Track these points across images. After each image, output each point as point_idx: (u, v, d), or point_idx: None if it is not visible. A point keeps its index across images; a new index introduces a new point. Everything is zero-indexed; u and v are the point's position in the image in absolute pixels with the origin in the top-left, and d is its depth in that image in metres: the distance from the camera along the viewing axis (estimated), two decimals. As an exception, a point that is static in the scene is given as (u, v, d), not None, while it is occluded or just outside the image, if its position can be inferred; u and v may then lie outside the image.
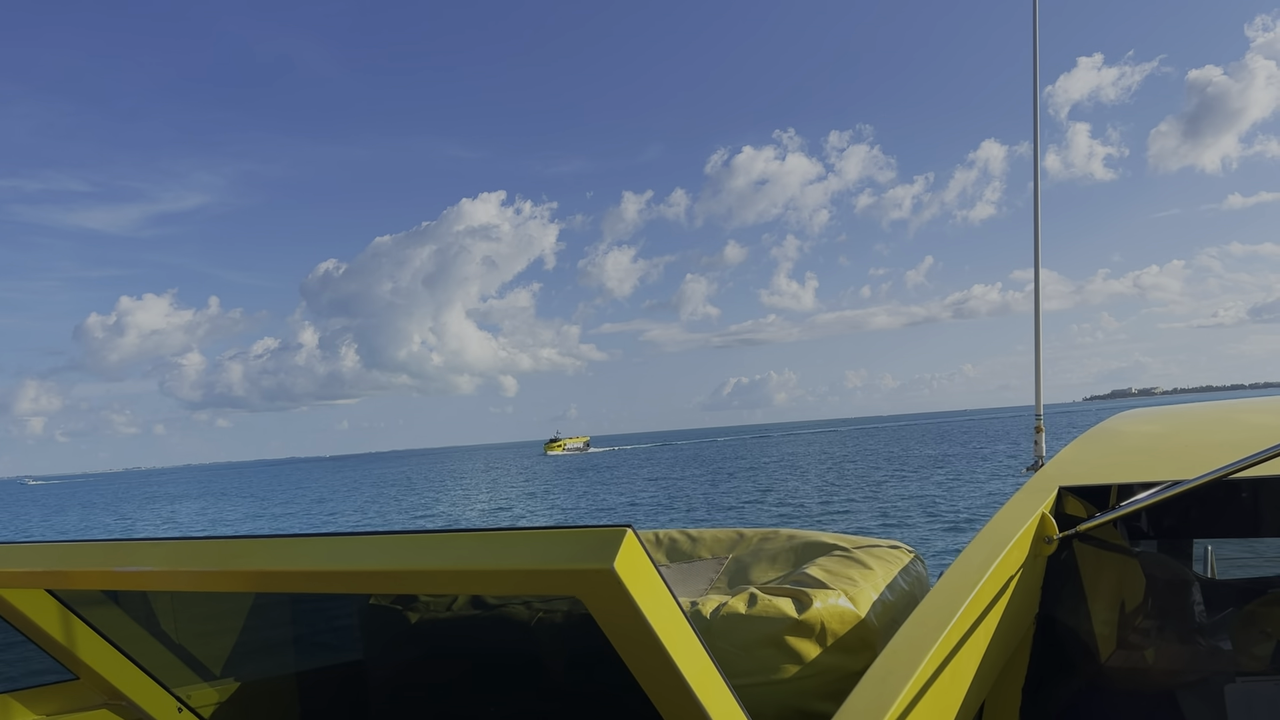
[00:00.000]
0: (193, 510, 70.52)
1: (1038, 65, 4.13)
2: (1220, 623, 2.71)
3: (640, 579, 1.49)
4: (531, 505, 51.75)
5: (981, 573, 2.13)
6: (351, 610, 2.32)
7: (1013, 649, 2.40)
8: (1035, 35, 4.15)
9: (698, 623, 2.42)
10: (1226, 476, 2.08)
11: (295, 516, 54.75)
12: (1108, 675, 2.58)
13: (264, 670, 2.48)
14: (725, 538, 3.12)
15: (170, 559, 1.98)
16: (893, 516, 32.51)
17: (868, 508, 36.13)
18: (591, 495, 55.06)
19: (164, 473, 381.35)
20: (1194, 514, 2.90)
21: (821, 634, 2.42)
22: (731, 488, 51.55)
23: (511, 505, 52.62)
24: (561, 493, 59.79)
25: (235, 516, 59.26)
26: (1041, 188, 4.27)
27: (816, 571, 2.61)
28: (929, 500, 37.13)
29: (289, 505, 66.07)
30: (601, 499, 51.76)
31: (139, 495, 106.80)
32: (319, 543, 1.81)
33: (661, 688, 1.62)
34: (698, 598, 2.57)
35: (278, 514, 58.34)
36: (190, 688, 2.38)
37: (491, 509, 51.13)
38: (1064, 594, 2.54)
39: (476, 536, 1.63)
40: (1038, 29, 4.14)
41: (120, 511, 75.96)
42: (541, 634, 1.97)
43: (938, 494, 39.38)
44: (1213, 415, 3.40)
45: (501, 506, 52.37)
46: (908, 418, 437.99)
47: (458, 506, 54.73)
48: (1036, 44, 4.14)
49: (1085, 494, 2.65)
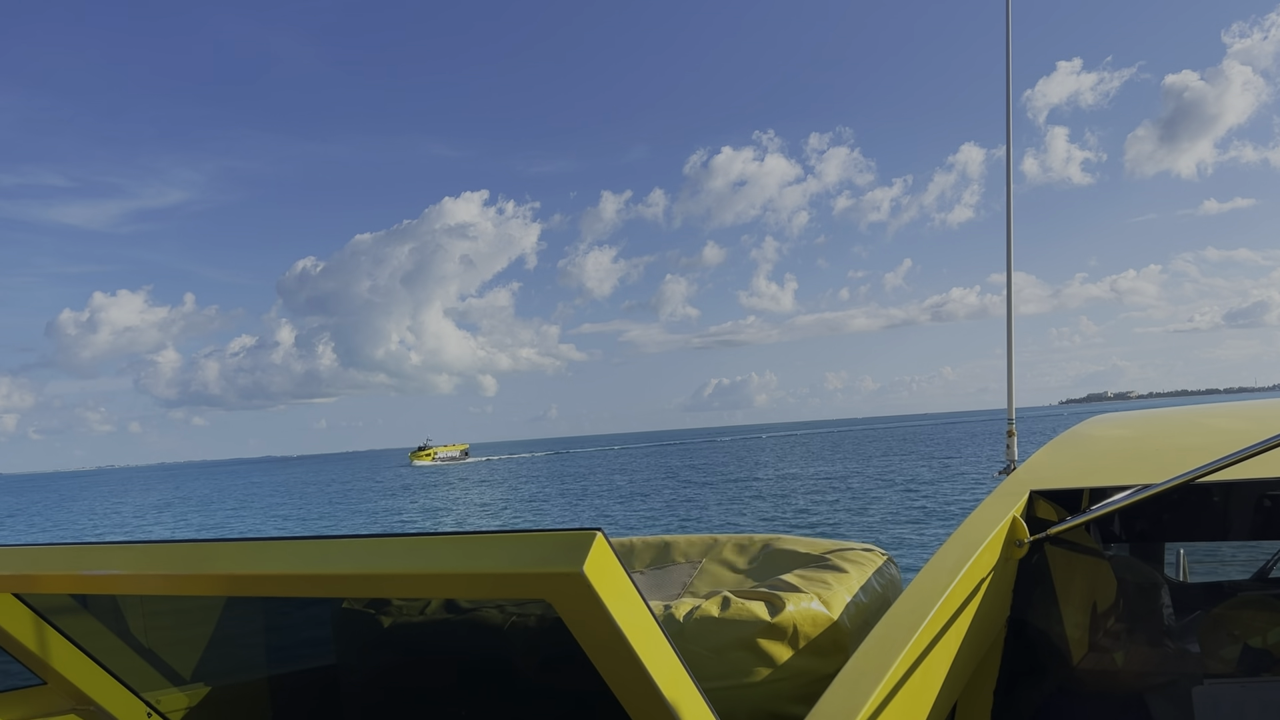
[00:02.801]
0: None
1: (1010, 74, 4.17)
2: (1189, 626, 2.74)
3: (610, 582, 1.48)
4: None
5: (953, 576, 2.14)
6: (324, 614, 2.30)
7: (984, 652, 2.41)
8: (1008, 46, 4.18)
9: (671, 626, 2.42)
10: (1194, 481, 2.11)
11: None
12: (1078, 678, 2.60)
13: (236, 675, 2.46)
14: (700, 542, 3.13)
15: (140, 563, 1.96)
16: (867, 520, 32.63)
17: (842, 511, 36.21)
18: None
19: (138, 471, 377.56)
20: (1165, 518, 2.93)
21: (794, 637, 2.43)
22: (597, 511, 43.22)
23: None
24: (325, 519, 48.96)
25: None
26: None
27: (790, 575, 2.62)
28: (903, 503, 37.28)
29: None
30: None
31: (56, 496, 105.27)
32: (290, 546, 1.80)
33: (631, 691, 1.62)
34: (671, 601, 2.58)
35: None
36: (160, 693, 2.36)
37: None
38: (1035, 597, 2.56)
39: (447, 540, 1.63)
40: (1010, 38, 4.18)
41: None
42: (514, 638, 1.97)
43: (912, 497, 39.56)
44: (1182, 420, 3.44)
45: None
46: (888, 420, 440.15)
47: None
48: (1009, 54, 4.18)
49: (1056, 498, 2.67)
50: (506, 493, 63.48)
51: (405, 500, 61.65)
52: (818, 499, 42.10)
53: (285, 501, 67.02)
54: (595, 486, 61.28)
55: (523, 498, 57.67)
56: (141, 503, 78.80)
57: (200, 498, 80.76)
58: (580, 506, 47.82)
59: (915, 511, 34.26)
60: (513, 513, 47.58)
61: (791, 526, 32.76)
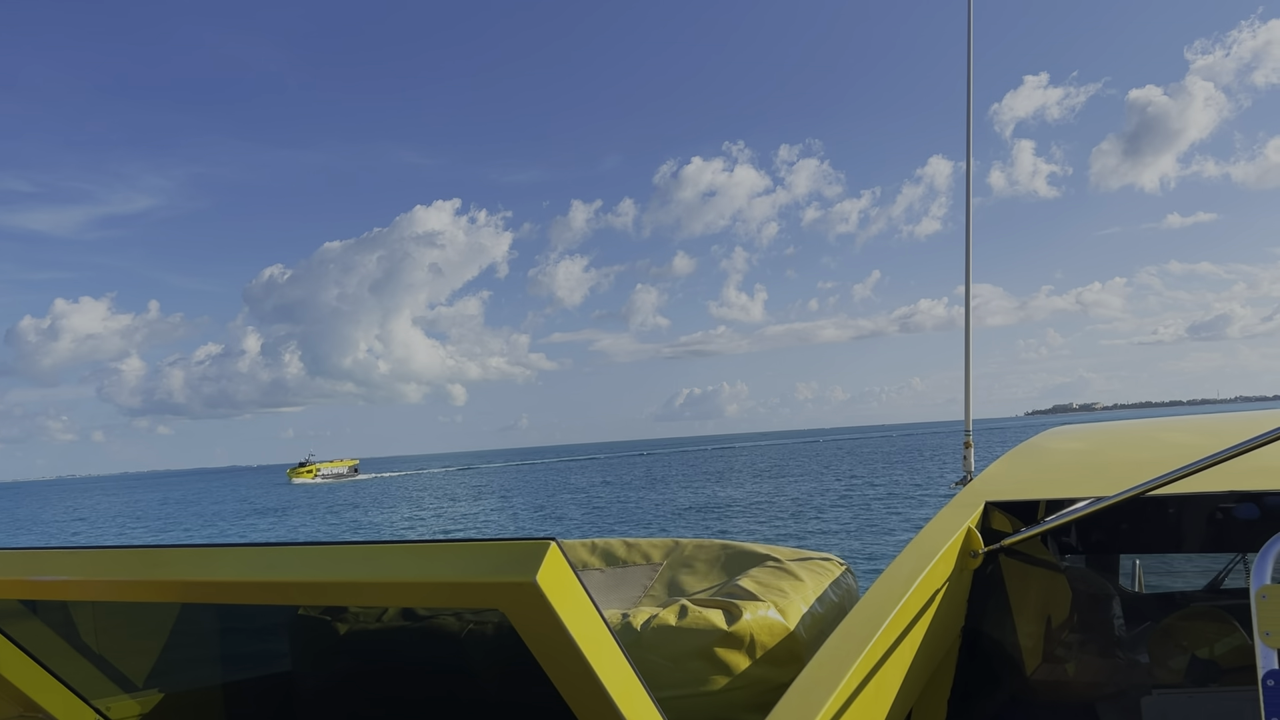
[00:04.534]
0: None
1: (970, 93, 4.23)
2: (1139, 636, 2.79)
3: (563, 592, 1.49)
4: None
5: (908, 585, 2.17)
6: (279, 622, 2.29)
7: (938, 661, 2.44)
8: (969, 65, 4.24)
9: (628, 635, 2.43)
10: (1147, 493, 2.14)
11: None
12: (1031, 688, 2.63)
13: (189, 682, 2.44)
14: (661, 546, 3.14)
15: (91, 568, 1.94)
16: (826, 528, 32.76)
17: (801, 520, 36.32)
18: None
19: (99, 480, 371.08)
20: (1119, 529, 2.97)
21: (751, 646, 2.44)
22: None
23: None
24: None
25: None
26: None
27: (748, 583, 2.64)
28: (864, 513, 37.44)
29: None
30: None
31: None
32: (245, 553, 1.79)
33: (584, 701, 1.62)
34: (630, 608, 2.58)
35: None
36: (111, 699, 2.33)
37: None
38: (989, 607, 2.59)
39: (401, 548, 1.63)
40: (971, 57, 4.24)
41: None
42: (470, 646, 1.96)
43: (873, 507, 39.76)
44: (1136, 433, 3.50)
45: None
46: (858, 430, 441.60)
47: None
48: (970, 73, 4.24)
49: (1012, 509, 2.71)
50: (372, 517, 55.13)
51: (245, 525, 55.15)
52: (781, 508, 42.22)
53: (118, 527, 61.70)
54: (507, 507, 55.24)
55: (392, 522, 50.92)
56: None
57: (27, 518, 76.67)
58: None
59: (874, 520, 34.46)
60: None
61: (751, 533, 32.85)
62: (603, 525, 39.76)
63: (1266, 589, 1.68)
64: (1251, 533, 2.57)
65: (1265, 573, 1.72)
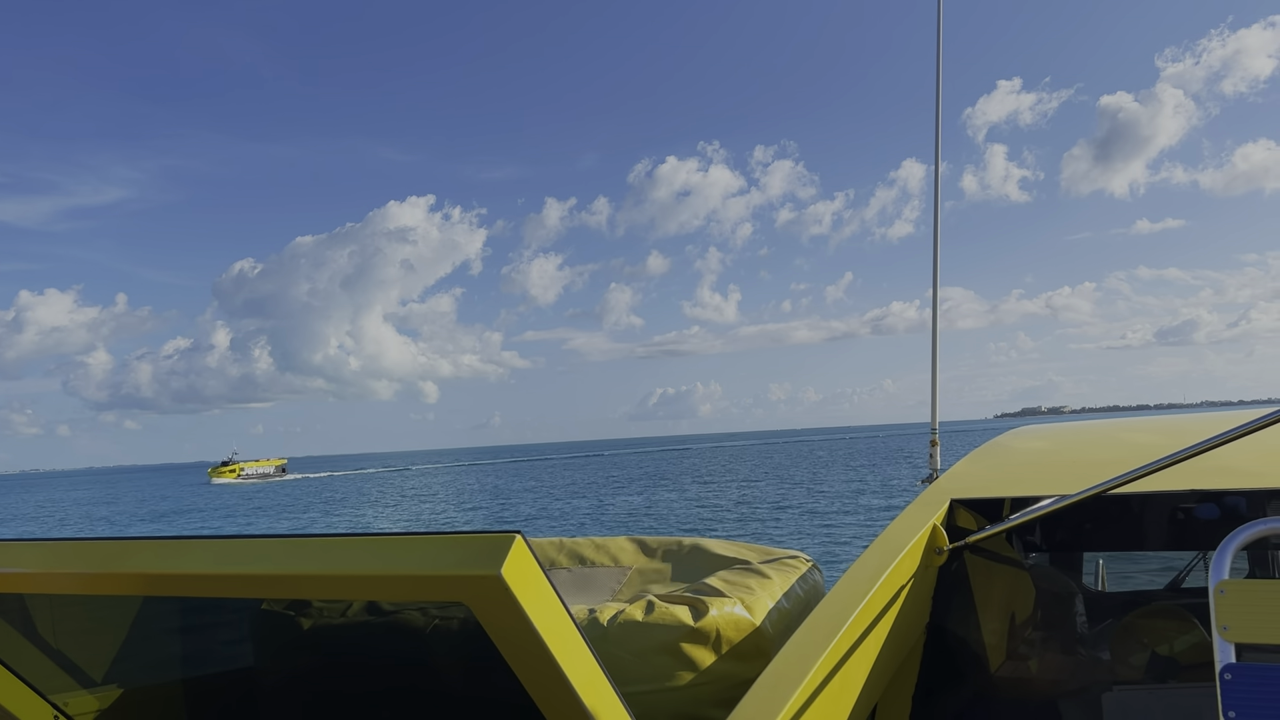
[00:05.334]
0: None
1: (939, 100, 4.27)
2: (1101, 634, 2.83)
3: (528, 586, 1.49)
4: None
5: (873, 582, 2.18)
6: (242, 615, 2.26)
7: (903, 657, 2.46)
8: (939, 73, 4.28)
9: (594, 630, 2.43)
10: (1109, 492, 2.17)
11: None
12: (995, 684, 2.66)
13: (149, 677, 2.41)
14: (629, 546, 3.14)
15: (49, 560, 1.92)
16: (794, 527, 32.91)
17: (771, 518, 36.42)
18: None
19: (65, 475, 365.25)
20: (1082, 528, 3.01)
21: (717, 641, 2.44)
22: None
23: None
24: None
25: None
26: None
27: (715, 580, 2.64)
28: (832, 511, 37.62)
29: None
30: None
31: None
32: (206, 545, 1.78)
33: (549, 695, 1.62)
34: (597, 604, 2.58)
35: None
36: (68, 695, 2.29)
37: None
38: (954, 604, 2.61)
39: (365, 541, 1.62)
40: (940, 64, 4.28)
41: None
42: (435, 640, 1.95)
43: (841, 505, 39.94)
44: (1100, 433, 3.55)
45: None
46: (830, 430, 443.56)
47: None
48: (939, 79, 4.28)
49: (977, 506, 2.73)
50: (274, 524, 51.58)
51: (126, 533, 49.52)
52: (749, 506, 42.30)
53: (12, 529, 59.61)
54: (430, 513, 51.69)
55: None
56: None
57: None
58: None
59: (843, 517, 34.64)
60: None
61: (720, 531, 32.94)
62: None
63: (1225, 584, 1.71)
64: (1211, 531, 2.60)
65: (1224, 568, 1.74)
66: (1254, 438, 1.92)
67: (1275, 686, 1.63)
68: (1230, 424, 1.99)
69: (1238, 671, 1.66)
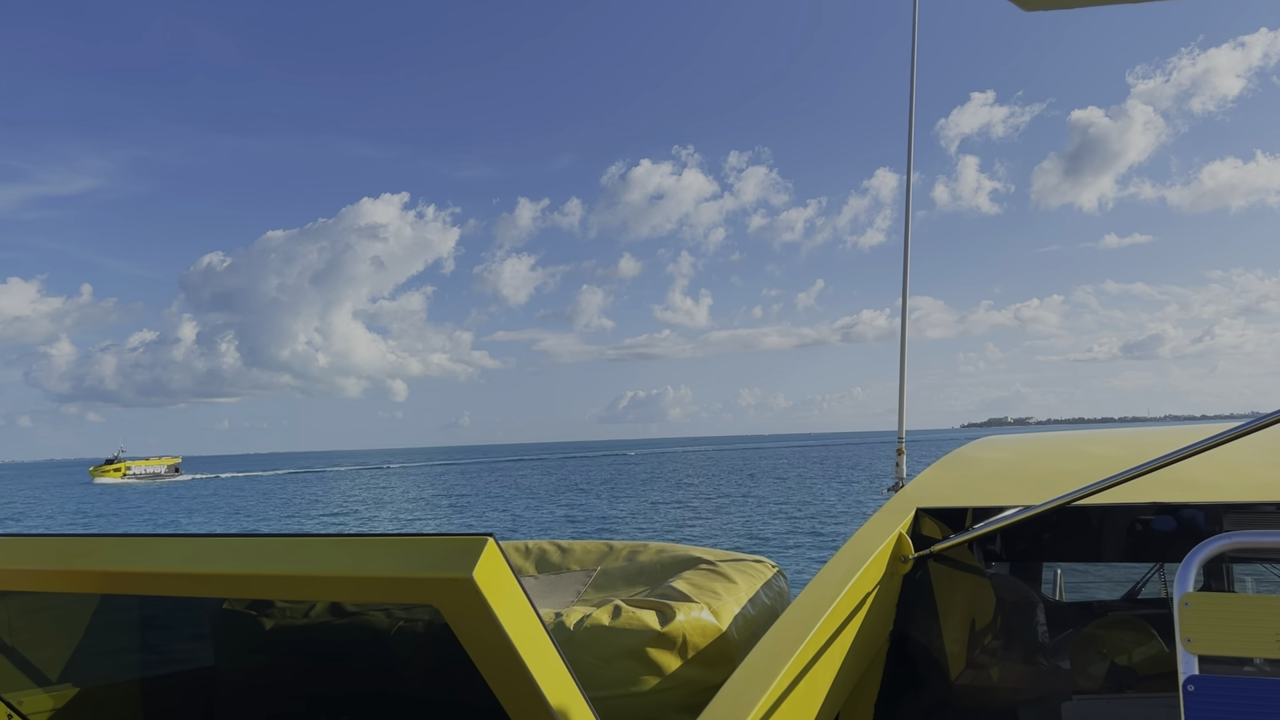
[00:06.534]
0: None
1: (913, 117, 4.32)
2: (1061, 643, 2.86)
3: (500, 589, 1.49)
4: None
5: (839, 589, 2.20)
6: (203, 615, 2.24)
7: (867, 664, 2.47)
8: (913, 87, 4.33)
9: (561, 634, 2.43)
10: (1071, 503, 2.21)
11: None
12: (956, 692, 2.69)
13: (107, 676, 2.38)
14: (595, 549, 3.14)
15: (4, 557, 1.89)
16: (759, 533, 32.98)
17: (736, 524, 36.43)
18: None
19: (25, 467, 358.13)
20: (1043, 538, 3.05)
21: (683, 646, 2.45)
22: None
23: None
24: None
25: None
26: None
27: (682, 585, 2.65)
28: (797, 518, 37.72)
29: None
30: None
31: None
32: (168, 543, 1.76)
33: (517, 699, 1.62)
34: (563, 609, 2.58)
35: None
36: (22, 694, 2.26)
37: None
38: (917, 612, 2.64)
39: (333, 542, 1.61)
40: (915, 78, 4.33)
41: None
42: (399, 643, 1.94)
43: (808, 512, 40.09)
44: (1063, 445, 3.60)
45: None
46: (799, 437, 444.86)
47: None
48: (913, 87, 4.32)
49: (941, 516, 2.76)
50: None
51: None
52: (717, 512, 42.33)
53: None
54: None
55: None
56: None
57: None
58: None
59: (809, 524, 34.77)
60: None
61: (686, 536, 32.98)
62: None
63: (1189, 596, 1.74)
64: (1168, 544, 2.65)
65: (1188, 581, 1.77)
66: (1214, 452, 1.95)
67: (1237, 698, 1.65)
68: (1192, 438, 2.02)
69: (1201, 683, 1.68)
